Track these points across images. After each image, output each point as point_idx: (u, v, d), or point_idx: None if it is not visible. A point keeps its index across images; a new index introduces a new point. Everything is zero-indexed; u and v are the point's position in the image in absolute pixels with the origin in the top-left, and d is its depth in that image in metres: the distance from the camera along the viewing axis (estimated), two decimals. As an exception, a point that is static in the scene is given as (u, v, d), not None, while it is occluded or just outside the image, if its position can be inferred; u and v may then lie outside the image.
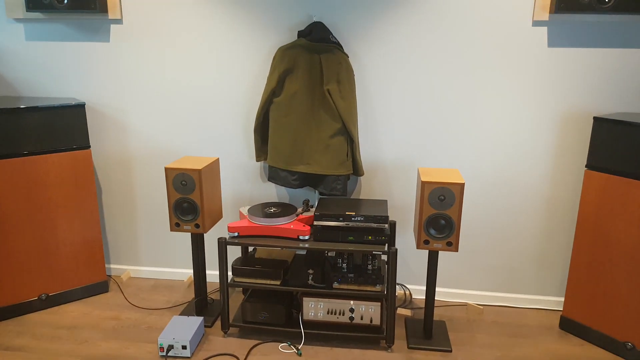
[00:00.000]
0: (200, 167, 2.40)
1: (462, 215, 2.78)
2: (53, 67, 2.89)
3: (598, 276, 2.43)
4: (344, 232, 2.39)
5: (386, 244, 2.37)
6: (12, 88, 2.94)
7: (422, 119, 2.67)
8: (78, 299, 2.88)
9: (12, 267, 2.65)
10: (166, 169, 2.42)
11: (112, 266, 3.20)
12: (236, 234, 2.45)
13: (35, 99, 2.80)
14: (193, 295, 2.95)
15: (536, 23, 2.46)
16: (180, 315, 2.60)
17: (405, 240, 2.88)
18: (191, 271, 3.16)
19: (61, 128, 2.65)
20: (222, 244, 2.42)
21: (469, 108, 2.62)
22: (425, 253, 2.89)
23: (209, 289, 2.99)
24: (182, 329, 2.42)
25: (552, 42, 2.46)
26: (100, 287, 2.95)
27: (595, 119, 2.33)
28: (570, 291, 2.56)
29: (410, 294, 2.95)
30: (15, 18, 2.81)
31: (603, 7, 2.28)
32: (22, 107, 2.52)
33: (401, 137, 2.72)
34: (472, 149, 2.68)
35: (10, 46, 2.87)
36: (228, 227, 2.44)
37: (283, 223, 2.45)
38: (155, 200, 3.04)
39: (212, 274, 3.11)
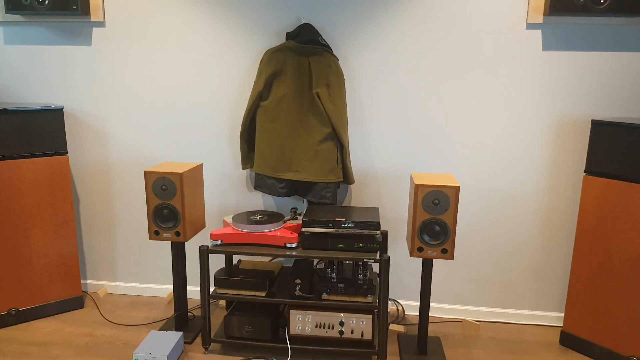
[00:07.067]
0: (181, 171, 2.28)
1: (456, 224, 2.67)
2: (32, 71, 2.78)
3: (599, 288, 2.32)
4: (334, 239, 2.27)
5: (378, 252, 2.25)
6: (-12, 93, 2.83)
7: (414, 124, 2.59)
8: (50, 315, 2.72)
9: (-21, 280, 2.49)
10: (146, 173, 2.29)
11: (88, 282, 3.03)
12: (219, 242, 2.32)
13: (11, 103, 2.69)
14: (173, 312, 2.78)
15: (530, 26, 2.41)
16: (159, 330, 2.44)
17: (398, 252, 2.75)
18: (171, 287, 2.99)
19: (37, 132, 2.53)
20: (204, 252, 2.28)
21: (462, 113, 2.55)
22: (418, 268, 2.76)
23: (190, 306, 2.83)
24: (160, 344, 2.27)
25: (547, 45, 2.41)
26: (74, 302, 2.78)
27: (594, 122, 2.26)
28: (570, 305, 2.44)
29: (403, 309, 2.81)
30: (-6, 20, 2.73)
31: (598, 8, 2.24)
32: (-4, 108, 2.40)
33: (393, 143, 2.63)
34: (465, 156, 2.59)
35: (-13, 49, 2.78)
36: (210, 234, 2.31)
37: (269, 230, 2.33)
38: (136, 211, 2.90)
39: (194, 290, 2.95)
